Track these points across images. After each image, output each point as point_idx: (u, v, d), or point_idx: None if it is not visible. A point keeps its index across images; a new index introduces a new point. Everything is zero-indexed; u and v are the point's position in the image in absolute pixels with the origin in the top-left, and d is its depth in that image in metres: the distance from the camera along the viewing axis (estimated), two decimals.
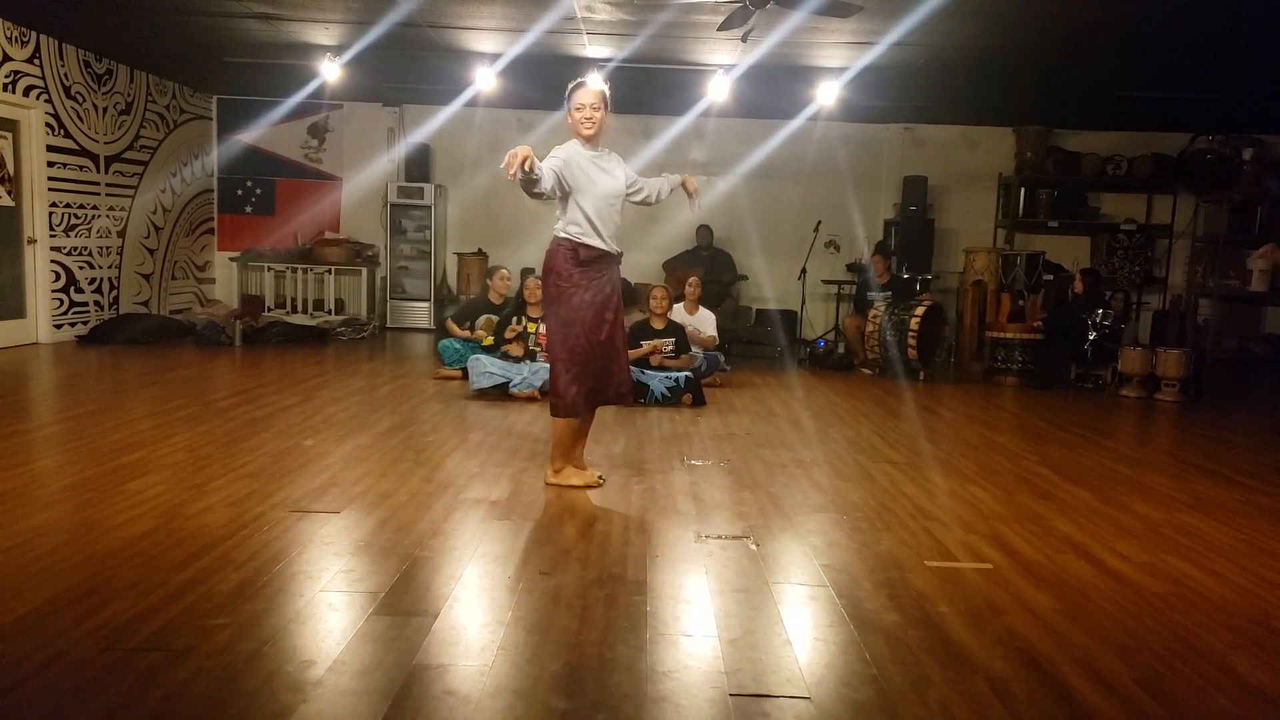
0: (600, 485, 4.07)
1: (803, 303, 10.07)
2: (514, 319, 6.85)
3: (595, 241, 3.91)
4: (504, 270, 7.53)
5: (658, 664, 2.35)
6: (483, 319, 7.25)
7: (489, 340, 6.88)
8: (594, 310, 3.91)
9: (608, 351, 3.97)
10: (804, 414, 6.24)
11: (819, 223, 9.98)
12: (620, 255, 4.05)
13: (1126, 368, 7.69)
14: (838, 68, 7.92)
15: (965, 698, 2.23)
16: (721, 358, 7.56)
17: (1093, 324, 7.89)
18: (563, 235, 3.92)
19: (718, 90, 8.17)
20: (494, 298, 7.36)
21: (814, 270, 9.99)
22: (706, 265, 9.98)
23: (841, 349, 9.37)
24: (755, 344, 9.65)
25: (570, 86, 3.95)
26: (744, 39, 6.47)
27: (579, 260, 3.91)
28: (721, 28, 6.06)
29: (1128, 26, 6.41)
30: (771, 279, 10.47)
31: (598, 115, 3.89)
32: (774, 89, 8.64)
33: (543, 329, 6.88)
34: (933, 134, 10.64)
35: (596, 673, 2.29)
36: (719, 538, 3.40)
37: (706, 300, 7.60)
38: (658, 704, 2.14)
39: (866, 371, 8.65)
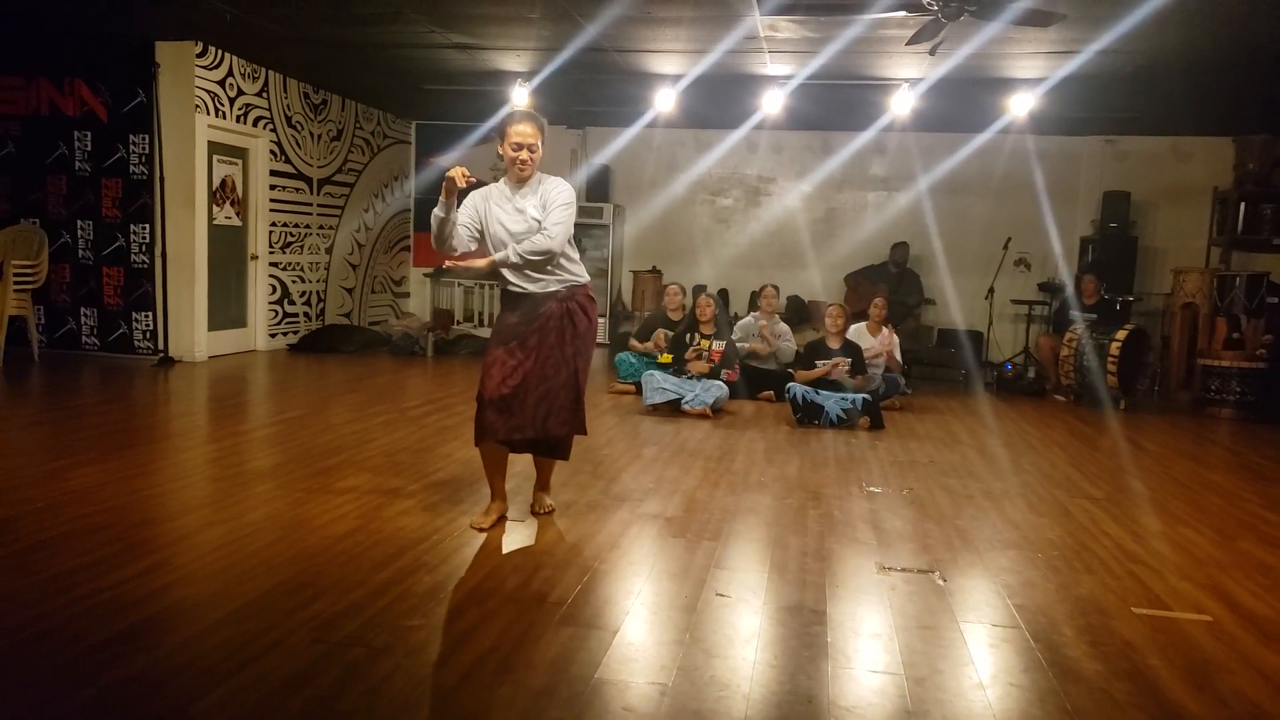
0: (480, 529, 3.50)
1: (989, 323, 9.59)
2: (688, 335, 6.90)
3: (504, 281, 3.69)
4: (672, 286, 7.60)
5: (840, 698, 2.28)
6: (658, 332, 7.36)
7: (666, 357, 6.95)
8: (495, 341, 3.66)
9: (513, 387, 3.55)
10: (992, 442, 5.93)
11: (1008, 240, 9.50)
12: (550, 293, 3.61)
13: None
14: (1033, 79, 7.52)
15: None
16: (901, 380, 7.31)
17: None
18: None
19: (901, 105, 7.95)
20: (672, 314, 7.46)
21: (1002, 289, 9.51)
22: (894, 283, 9.69)
23: (1032, 373, 8.86)
24: (938, 365, 9.27)
25: (504, 117, 3.52)
26: (932, 52, 6.25)
27: (501, 294, 3.76)
28: (911, 42, 5.88)
29: None
30: (957, 297, 10.03)
31: (536, 157, 3.47)
32: (961, 101, 8.30)
33: (715, 345, 6.90)
34: (1137, 146, 9.90)
35: (776, 702, 2.24)
36: (902, 570, 3.27)
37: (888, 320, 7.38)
38: None
39: (1060, 398, 8.14)
